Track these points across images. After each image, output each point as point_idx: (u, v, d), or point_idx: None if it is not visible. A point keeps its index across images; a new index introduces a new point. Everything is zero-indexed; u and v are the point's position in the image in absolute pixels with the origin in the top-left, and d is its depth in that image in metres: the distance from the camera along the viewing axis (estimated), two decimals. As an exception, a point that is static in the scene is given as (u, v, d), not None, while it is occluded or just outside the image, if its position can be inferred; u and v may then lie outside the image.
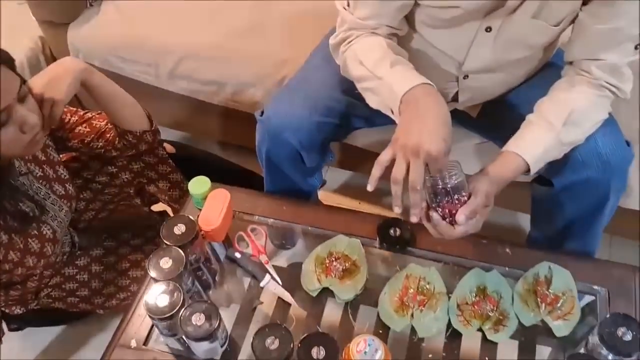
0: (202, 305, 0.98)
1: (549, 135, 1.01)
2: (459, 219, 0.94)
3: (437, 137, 0.90)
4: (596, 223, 1.18)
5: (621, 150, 1.07)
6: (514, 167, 1.00)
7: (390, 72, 0.99)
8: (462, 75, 1.13)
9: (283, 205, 1.25)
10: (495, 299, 1.06)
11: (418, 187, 0.91)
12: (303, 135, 1.16)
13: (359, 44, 1.06)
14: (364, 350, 0.94)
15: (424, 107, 0.93)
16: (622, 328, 0.92)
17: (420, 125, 0.91)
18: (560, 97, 1.03)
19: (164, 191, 1.39)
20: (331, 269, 1.11)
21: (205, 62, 1.56)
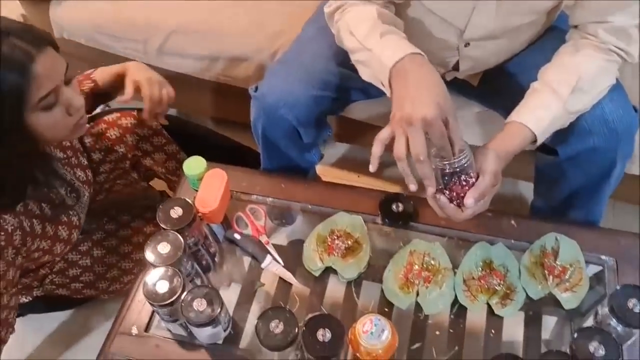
0: (203, 290, 0.96)
1: (556, 104, 0.97)
2: (468, 203, 0.90)
3: (430, 102, 0.87)
4: (602, 191, 1.16)
5: (628, 117, 1.04)
6: (521, 139, 0.97)
7: (380, 43, 0.95)
8: (463, 43, 1.09)
9: (281, 183, 1.22)
10: (501, 273, 1.04)
11: (422, 158, 0.88)
12: (300, 110, 1.12)
13: (351, 14, 1.02)
14: (371, 330, 0.92)
15: (413, 78, 0.91)
16: (632, 299, 0.90)
17: (412, 96, 0.89)
18: (566, 63, 1.00)
19: (160, 163, 1.36)
20: (333, 248, 1.09)
21: (195, 37, 1.51)
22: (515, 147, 0.97)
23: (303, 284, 1.09)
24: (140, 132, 1.31)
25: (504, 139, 0.98)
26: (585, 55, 0.99)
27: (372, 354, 0.94)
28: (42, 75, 0.93)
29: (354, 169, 1.73)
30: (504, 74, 1.19)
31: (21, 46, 0.91)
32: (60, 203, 1.13)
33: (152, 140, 1.33)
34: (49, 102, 0.97)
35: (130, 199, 1.44)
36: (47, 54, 0.94)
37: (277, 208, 1.21)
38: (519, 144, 0.97)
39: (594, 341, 0.87)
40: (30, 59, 0.91)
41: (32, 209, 1.07)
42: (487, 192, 0.92)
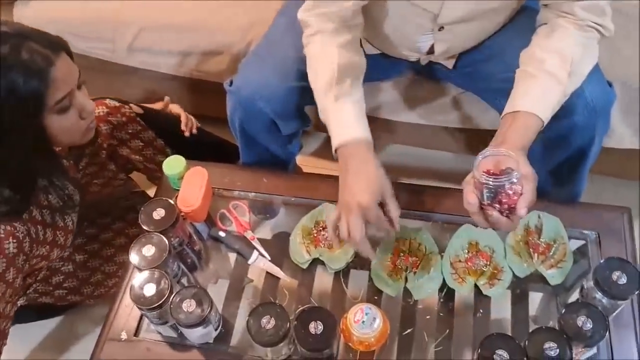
0: (191, 291, 0.95)
1: (557, 88, 0.96)
2: (522, 213, 0.87)
3: (364, 190, 0.95)
4: (581, 167, 1.17)
5: (605, 94, 1.06)
6: (535, 128, 0.95)
7: (334, 109, 1.00)
8: (437, 27, 1.09)
9: (263, 177, 1.21)
10: (487, 254, 1.05)
11: (358, 241, 0.95)
12: (276, 103, 1.11)
13: (314, 49, 1.04)
14: (362, 320, 0.92)
15: (352, 167, 0.98)
16: (617, 272, 0.92)
17: (350, 185, 0.97)
18: (554, 47, 0.98)
19: (138, 151, 1.34)
20: (319, 239, 1.08)
21: (165, 32, 1.49)
22: (531, 138, 0.95)
23: (291, 277, 1.09)
24: (113, 119, 1.28)
25: (522, 134, 0.94)
26: (567, 35, 0.99)
27: (365, 343, 0.94)
28: (59, 79, 0.96)
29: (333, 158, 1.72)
30: (478, 56, 1.19)
31: (40, 51, 0.94)
32: (57, 208, 1.13)
33: (127, 128, 1.31)
34: (64, 106, 1.00)
35: (109, 201, 1.42)
36: (62, 58, 0.98)
37: (261, 202, 1.20)
38: (533, 134, 0.95)
39: (581, 315, 0.89)
40: (49, 63, 0.94)
41: (35, 216, 1.07)
42: (535, 197, 0.89)
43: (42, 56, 0.94)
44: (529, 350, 0.86)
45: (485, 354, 0.86)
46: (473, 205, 0.88)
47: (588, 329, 0.88)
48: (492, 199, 0.87)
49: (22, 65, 0.92)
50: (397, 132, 1.52)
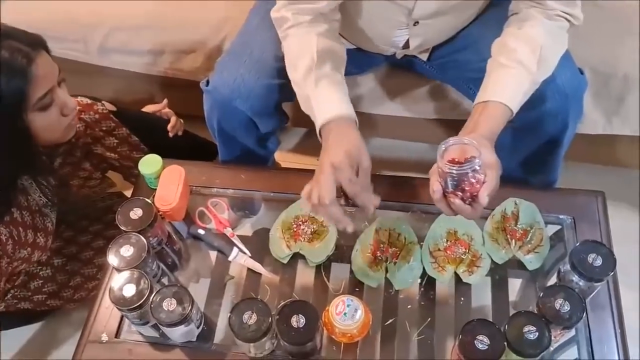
0: (171, 290, 0.94)
1: (528, 78, 0.98)
2: (484, 201, 0.88)
3: (339, 151, 0.93)
4: (556, 153, 1.19)
5: (576, 80, 1.07)
6: (503, 118, 0.96)
7: (315, 92, 0.99)
8: (412, 22, 1.10)
9: (241, 174, 1.20)
10: (466, 242, 1.06)
11: (327, 201, 0.92)
12: (254, 101, 1.11)
13: (292, 42, 1.03)
14: (344, 312, 0.93)
15: (333, 137, 0.95)
16: (592, 254, 0.93)
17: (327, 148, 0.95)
18: (524, 36, 1.00)
19: (113, 149, 1.32)
20: (299, 233, 1.08)
21: (138, 31, 1.47)
22: (500, 127, 0.97)
23: (272, 273, 1.09)
24: (86, 117, 1.26)
25: (489, 122, 0.96)
26: (537, 25, 1.00)
27: (347, 335, 0.95)
28: (40, 76, 0.97)
29: (312, 153, 1.72)
30: (453, 47, 1.20)
31: (20, 48, 0.95)
32: (37, 209, 1.11)
33: (101, 125, 1.29)
34: (45, 103, 1.01)
35: (86, 203, 1.40)
36: (42, 55, 0.99)
37: (240, 199, 1.19)
38: (502, 123, 0.97)
39: (558, 298, 0.90)
40: (30, 60, 0.95)
41: (16, 217, 1.06)
42: (497, 185, 0.91)
43: (22, 54, 0.94)
44: (508, 334, 0.87)
45: (466, 340, 0.87)
46: (437, 193, 0.89)
47: (566, 311, 0.89)
48: (455, 187, 0.88)
49: (2, 63, 0.92)
50: (375, 125, 1.52)
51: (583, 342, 0.97)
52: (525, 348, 0.87)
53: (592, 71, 1.27)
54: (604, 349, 0.96)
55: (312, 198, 0.94)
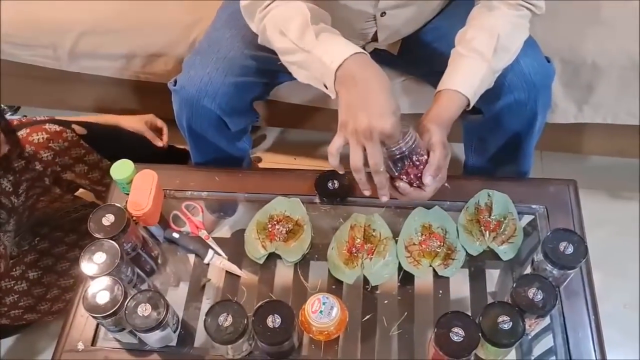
0: (146, 295, 0.94)
1: (482, 65, 0.99)
2: (427, 181, 0.90)
3: (388, 114, 0.85)
4: (527, 143, 1.20)
5: (543, 68, 1.08)
6: (457, 105, 0.98)
7: (317, 44, 0.91)
8: (379, 13, 1.10)
9: (215, 176, 1.19)
10: (441, 235, 1.07)
11: (381, 169, 0.88)
12: (222, 99, 1.10)
13: (277, 10, 0.96)
14: (320, 310, 0.93)
15: (363, 83, 0.87)
16: (563, 242, 0.94)
17: (366, 105, 0.86)
18: (484, 25, 1.01)
19: (83, 175, 1.30)
20: (274, 233, 1.08)
21: (108, 35, 1.45)
22: (452, 114, 0.98)
23: (251, 273, 1.08)
24: (54, 145, 1.23)
25: (440, 109, 0.98)
26: (500, 15, 1.01)
27: (325, 332, 0.95)
28: None
29: (289, 152, 1.72)
30: (422, 41, 1.20)
31: None
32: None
33: (70, 153, 1.27)
34: None
35: (59, 214, 1.39)
36: None
37: (215, 201, 1.19)
38: (455, 111, 0.98)
39: (532, 287, 0.91)
40: None
41: None
42: (441, 164, 0.92)
43: None
44: (483, 325, 0.88)
45: (441, 332, 0.87)
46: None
47: (539, 300, 0.90)
48: (399, 171, 0.90)
49: None
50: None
51: (558, 329, 0.98)
52: (499, 338, 0.87)
53: (561, 61, 1.28)
54: (579, 335, 0.97)
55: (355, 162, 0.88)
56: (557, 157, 1.55)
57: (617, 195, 1.64)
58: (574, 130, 1.43)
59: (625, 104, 1.35)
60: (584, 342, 0.96)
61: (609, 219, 1.58)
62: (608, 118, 1.37)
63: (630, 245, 1.55)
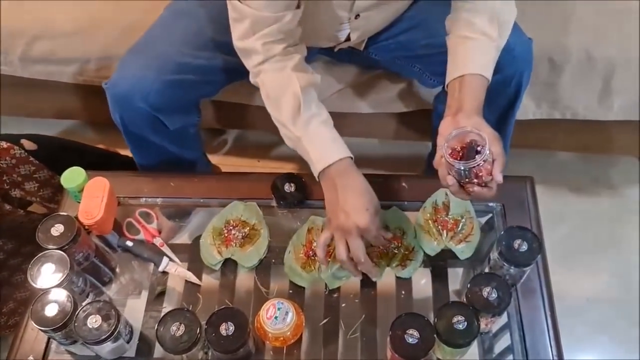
0: (96, 306, 0.92)
1: (492, 45, 1.01)
2: (500, 179, 0.89)
3: (360, 210, 0.95)
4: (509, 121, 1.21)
5: (526, 43, 1.11)
6: (483, 89, 0.98)
7: (307, 134, 0.99)
8: (353, 15, 1.10)
9: (170, 181, 1.17)
10: (398, 236, 1.06)
11: (362, 260, 0.97)
12: (155, 97, 1.08)
13: (269, 78, 1.01)
14: (275, 315, 0.92)
15: (341, 188, 0.97)
16: (517, 240, 0.94)
17: (344, 205, 0.96)
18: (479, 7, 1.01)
19: (34, 193, 1.27)
20: (230, 238, 1.06)
21: (62, 39, 1.41)
22: (482, 98, 0.98)
23: (210, 281, 1.06)
24: (2, 163, 1.20)
25: (473, 96, 0.97)
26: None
27: (280, 338, 0.94)
28: None
29: (253, 154, 1.70)
30: (392, 32, 1.20)
31: None
32: None
33: (19, 170, 1.24)
34: None
35: (13, 226, 1.34)
36: None
37: (171, 207, 1.17)
38: (483, 95, 0.98)
39: (486, 286, 0.91)
40: None
41: None
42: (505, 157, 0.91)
43: None
44: (438, 326, 0.87)
45: (396, 335, 0.86)
46: (454, 186, 0.90)
47: (494, 298, 0.90)
48: (468, 177, 0.89)
49: None
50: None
51: (515, 327, 0.98)
52: (455, 339, 0.87)
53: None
54: (536, 332, 0.97)
55: (340, 255, 0.97)
56: (522, 154, 1.55)
57: (581, 190, 1.65)
58: (537, 127, 1.43)
59: (583, 100, 1.35)
60: (541, 339, 0.96)
61: (572, 214, 1.60)
62: (567, 114, 1.38)
63: (593, 239, 1.57)
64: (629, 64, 1.29)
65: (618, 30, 1.30)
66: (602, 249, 1.54)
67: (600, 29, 1.31)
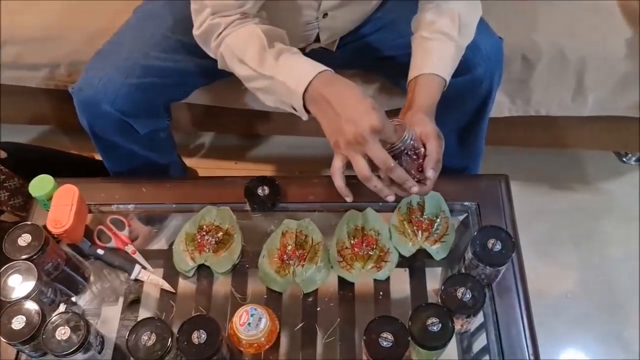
0: (64, 317, 0.90)
1: (450, 45, 1.00)
2: (430, 175, 0.89)
3: (368, 110, 0.84)
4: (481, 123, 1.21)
5: (496, 43, 1.11)
6: (438, 89, 0.98)
7: (279, 69, 0.91)
8: (321, 14, 1.09)
9: (142, 187, 1.15)
10: (373, 237, 1.05)
11: (392, 164, 0.86)
12: (123, 101, 1.07)
13: (231, 38, 0.95)
14: (248, 322, 0.91)
15: (334, 97, 0.87)
16: (491, 240, 0.93)
17: (345, 114, 0.85)
18: (441, 7, 1.02)
19: (4, 202, 1.24)
20: (204, 244, 1.04)
21: (30, 45, 1.39)
22: (435, 99, 0.98)
23: (186, 288, 1.04)
24: None
25: (423, 96, 0.97)
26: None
27: (255, 345, 0.92)
28: None
29: (230, 156, 1.69)
30: (360, 34, 1.20)
31: None
32: None
33: None
34: None
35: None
36: None
37: (144, 213, 1.15)
38: (437, 95, 0.98)
39: (461, 287, 0.90)
40: None
41: None
42: (440, 155, 0.91)
43: None
44: (412, 328, 0.87)
45: (370, 338, 0.85)
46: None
47: (468, 299, 0.89)
48: None
49: None
50: (276, 121, 1.50)
51: (491, 327, 0.97)
52: (429, 341, 0.86)
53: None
54: (512, 331, 0.96)
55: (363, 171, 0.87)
56: (498, 152, 1.55)
57: (559, 186, 1.66)
58: (513, 124, 1.44)
59: (557, 96, 1.36)
60: (517, 339, 0.96)
61: (550, 211, 1.61)
62: (541, 110, 1.38)
63: (572, 234, 1.57)
64: (601, 60, 1.30)
65: (589, 26, 1.31)
66: (580, 245, 1.55)
67: (571, 26, 1.32)
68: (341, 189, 0.93)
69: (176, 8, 1.14)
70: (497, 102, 1.36)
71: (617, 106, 1.37)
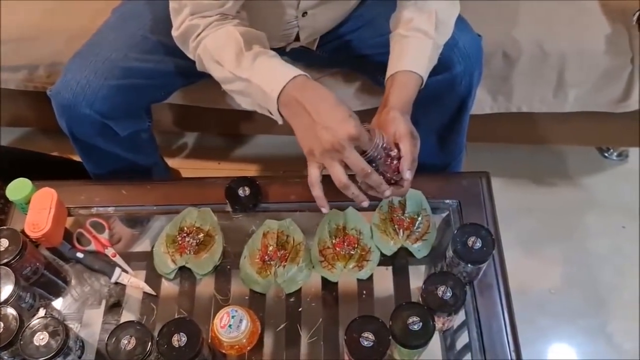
0: (42, 322, 0.89)
1: (428, 42, 1.00)
2: (406, 176, 0.88)
3: (345, 118, 0.82)
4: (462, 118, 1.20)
5: (476, 41, 1.11)
6: (413, 86, 0.97)
7: (255, 72, 0.89)
8: (300, 13, 1.08)
9: (122, 189, 1.14)
10: (355, 237, 1.05)
11: (369, 170, 0.85)
12: (101, 103, 1.06)
13: (209, 40, 0.94)
14: (229, 324, 0.90)
15: (309, 103, 0.84)
16: (471, 237, 0.94)
17: (321, 121, 0.83)
18: (418, 5, 1.02)
19: None
20: (185, 246, 1.04)
21: (8, 46, 1.37)
22: (411, 96, 0.97)
23: (168, 290, 1.04)
24: None
25: (399, 93, 0.96)
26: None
27: (236, 347, 0.92)
28: None
29: (213, 157, 1.68)
30: (340, 32, 1.19)
31: None
32: None
33: None
34: None
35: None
36: None
37: (125, 215, 1.14)
38: (413, 92, 0.97)
39: (441, 285, 0.90)
40: None
41: None
42: (415, 155, 0.90)
43: None
44: (393, 328, 0.87)
45: (351, 338, 0.85)
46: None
47: (449, 297, 0.89)
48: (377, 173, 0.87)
49: None
50: (258, 121, 1.50)
51: (472, 324, 0.98)
52: (410, 340, 0.86)
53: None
54: (493, 328, 0.96)
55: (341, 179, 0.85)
56: (480, 149, 1.55)
57: (542, 182, 1.67)
58: (495, 121, 1.44)
59: (537, 92, 1.36)
60: (498, 335, 0.96)
61: (533, 207, 1.61)
62: (523, 107, 1.38)
63: (555, 230, 1.58)
64: (581, 56, 1.30)
65: (569, 22, 1.31)
66: (563, 240, 1.56)
67: (551, 22, 1.32)
68: (320, 199, 0.91)
69: (156, 8, 1.12)
70: (478, 99, 1.37)
71: (598, 102, 1.37)
